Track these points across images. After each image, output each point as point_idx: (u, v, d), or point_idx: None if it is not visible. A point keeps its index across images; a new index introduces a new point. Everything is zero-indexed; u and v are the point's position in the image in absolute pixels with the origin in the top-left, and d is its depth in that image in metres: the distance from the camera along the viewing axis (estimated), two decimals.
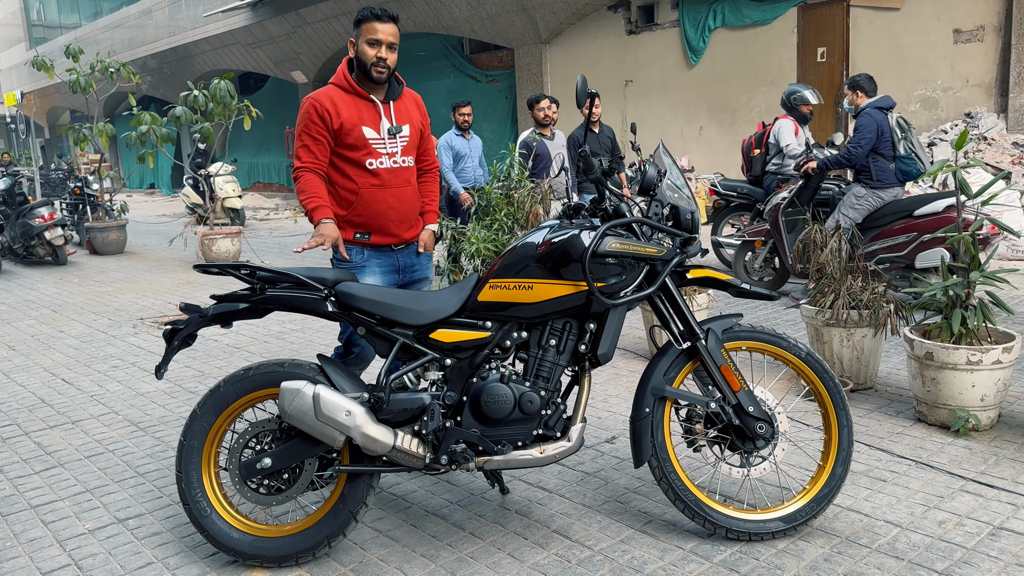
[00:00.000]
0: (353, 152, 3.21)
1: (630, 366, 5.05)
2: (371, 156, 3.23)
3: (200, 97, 9.82)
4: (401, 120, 3.30)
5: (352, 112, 3.20)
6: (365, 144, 3.21)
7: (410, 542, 2.96)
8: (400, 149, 3.29)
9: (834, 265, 4.37)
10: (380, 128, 3.24)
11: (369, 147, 3.22)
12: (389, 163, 3.26)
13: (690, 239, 2.80)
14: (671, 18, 12.74)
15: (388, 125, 3.25)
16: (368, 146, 3.21)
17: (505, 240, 5.76)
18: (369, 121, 3.23)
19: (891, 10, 10.21)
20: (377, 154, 3.24)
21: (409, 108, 3.37)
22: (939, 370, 3.70)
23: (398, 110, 3.31)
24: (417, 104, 3.44)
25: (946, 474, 3.31)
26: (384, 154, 3.25)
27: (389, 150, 3.25)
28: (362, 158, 3.22)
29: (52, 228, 10.91)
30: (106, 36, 25.99)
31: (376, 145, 3.22)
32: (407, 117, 3.33)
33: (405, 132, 3.30)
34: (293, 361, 2.80)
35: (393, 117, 3.28)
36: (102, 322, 7.18)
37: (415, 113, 3.39)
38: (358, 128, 3.20)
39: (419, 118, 3.40)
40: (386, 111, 3.27)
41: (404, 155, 3.31)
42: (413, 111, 3.38)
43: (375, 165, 3.24)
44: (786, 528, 2.82)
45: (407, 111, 3.35)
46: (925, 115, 10.09)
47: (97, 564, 2.91)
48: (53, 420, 4.53)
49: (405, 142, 3.30)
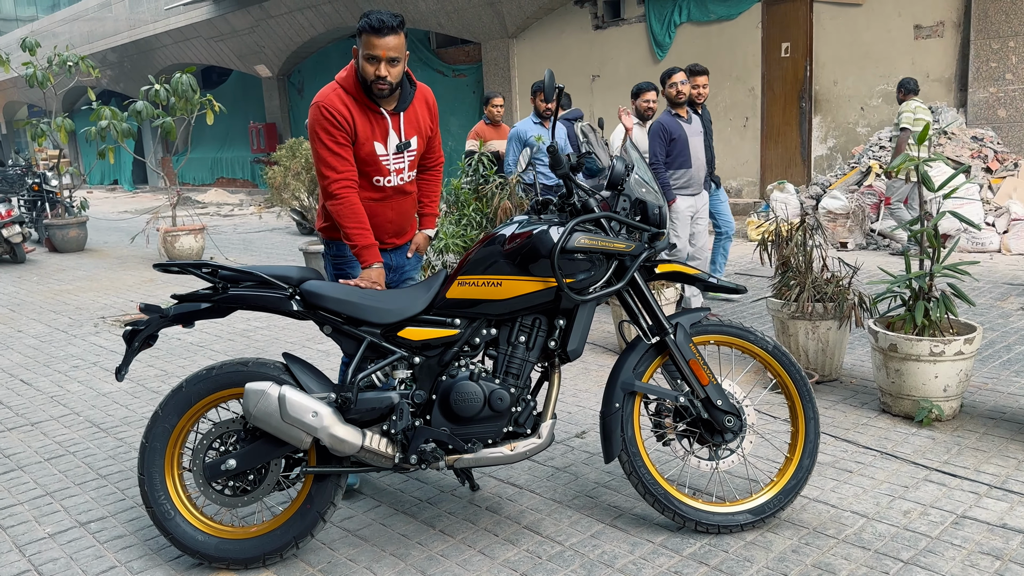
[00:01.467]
0: (362, 166, 3.08)
1: (599, 361, 5.06)
2: (379, 173, 3.11)
3: (162, 91, 9.66)
4: (410, 132, 3.14)
5: (365, 126, 3.02)
6: (375, 161, 3.07)
7: (379, 541, 2.93)
8: (407, 164, 3.18)
9: (799, 259, 4.41)
10: (388, 143, 3.08)
11: (378, 164, 3.08)
12: (396, 180, 3.16)
13: (658, 234, 2.80)
14: (637, 13, 12.78)
15: (397, 141, 3.10)
16: (377, 163, 3.08)
17: (474, 236, 5.73)
18: (380, 136, 3.06)
19: (853, 6, 10.34)
20: (385, 171, 3.12)
21: (419, 115, 3.18)
22: (903, 361, 3.76)
23: (408, 121, 3.14)
24: (428, 104, 3.23)
25: (911, 464, 3.36)
26: (391, 171, 3.13)
27: (395, 166, 3.14)
28: (370, 174, 3.10)
29: (10, 226, 10.65)
30: (64, 29, 25.43)
31: (384, 161, 3.10)
32: (416, 127, 3.17)
33: (413, 146, 3.17)
34: (258, 360, 2.75)
35: (402, 131, 3.11)
36: (62, 321, 7.03)
37: (424, 118, 3.21)
38: (370, 143, 3.04)
39: (428, 122, 3.24)
40: (395, 124, 3.09)
41: (410, 170, 3.22)
42: (423, 116, 3.20)
43: (381, 183, 3.14)
44: (754, 520, 2.84)
45: (416, 120, 3.17)
46: (887, 109, 10.23)
47: (58, 569, 2.84)
48: (11, 422, 4.42)
49: (412, 157, 3.20)
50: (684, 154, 5.67)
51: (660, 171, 5.64)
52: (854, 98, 10.55)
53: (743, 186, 11.97)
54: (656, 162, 5.60)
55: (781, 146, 11.41)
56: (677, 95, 5.68)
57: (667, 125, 5.65)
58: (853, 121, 10.63)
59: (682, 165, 5.68)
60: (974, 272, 6.72)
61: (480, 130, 7.66)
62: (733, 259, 8.54)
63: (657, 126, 5.69)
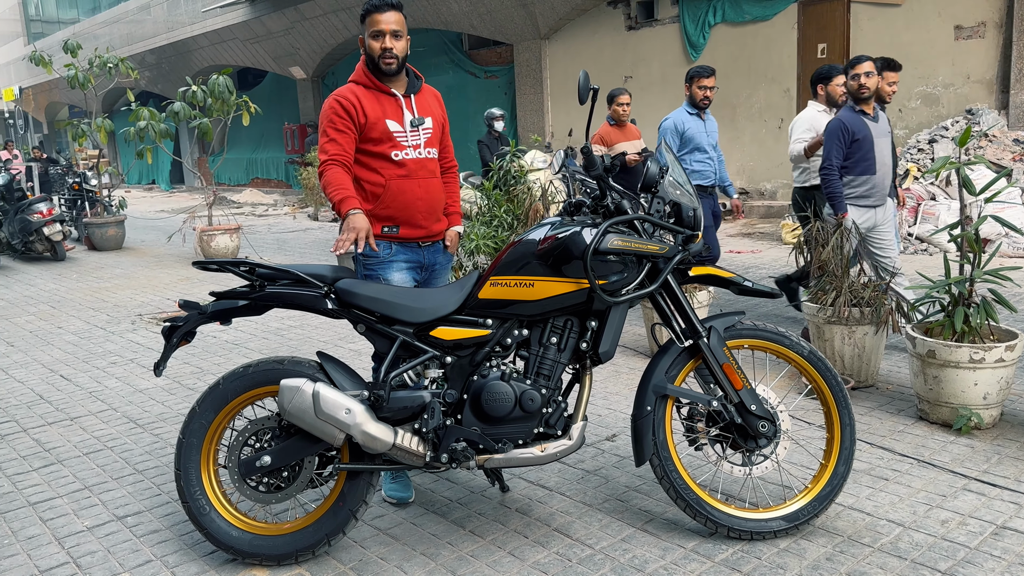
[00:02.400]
0: (378, 146, 3.17)
1: (630, 363, 5.03)
2: (396, 148, 3.19)
3: (199, 93, 9.79)
4: (423, 113, 3.27)
5: (375, 106, 3.17)
6: (389, 137, 3.17)
7: (410, 540, 2.95)
8: (424, 141, 3.25)
9: (835, 262, 4.35)
10: (403, 121, 3.20)
11: (394, 139, 3.18)
12: (414, 154, 3.22)
13: (692, 236, 2.78)
14: (671, 14, 12.71)
15: (411, 117, 3.22)
16: (392, 138, 3.18)
17: (505, 237, 5.74)
18: (392, 114, 3.19)
19: (892, 6, 10.19)
20: (401, 146, 3.19)
21: (429, 102, 3.33)
22: (941, 368, 3.69)
23: (419, 103, 3.27)
24: (437, 100, 3.40)
25: (948, 473, 3.30)
26: (408, 146, 3.21)
27: (413, 142, 3.22)
28: (387, 150, 3.18)
29: (51, 224, 10.88)
30: (104, 31, 25.91)
31: (400, 138, 3.19)
32: (428, 110, 3.30)
33: (428, 124, 3.27)
34: (293, 358, 2.78)
35: (415, 109, 3.25)
36: (100, 318, 7.16)
37: (436, 107, 3.35)
38: (382, 122, 3.16)
39: (440, 113, 3.37)
40: (407, 104, 3.23)
41: (428, 147, 3.27)
42: (434, 106, 3.35)
43: (400, 156, 3.19)
44: (788, 527, 2.81)
45: (428, 104, 3.31)
46: (926, 112, 10.07)
47: (96, 562, 2.89)
48: (51, 417, 4.51)
49: (428, 134, 3.27)
50: (868, 158, 4.74)
51: (833, 179, 4.68)
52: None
53: (777, 188, 11.85)
54: (830, 167, 4.67)
55: None
56: (860, 89, 4.75)
57: (849, 123, 4.71)
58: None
59: (865, 171, 4.74)
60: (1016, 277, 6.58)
61: (604, 133, 6.87)
62: (767, 262, 8.47)
63: (837, 124, 4.75)
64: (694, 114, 5.66)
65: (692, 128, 5.60)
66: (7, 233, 11.11)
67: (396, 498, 3.26)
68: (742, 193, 12.22)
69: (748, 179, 12.15)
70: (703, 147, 5.64)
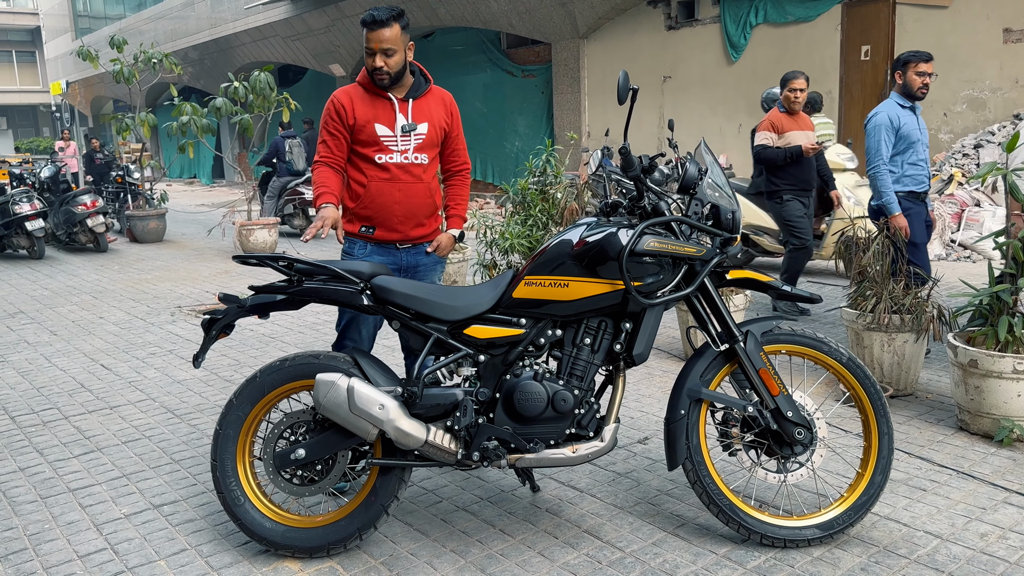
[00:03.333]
0: (365, 148, 3.26)
1: (663, 366, 5.00)
2: (381, 152, 3.25)
3: (240, 89, 9.92)
4: (419, 118, 3.29)
5: (367, 109, 3.24)
6: (376, 141, 3.24)
7: (440, 537, 2.96)
8: (413, 146, 3.28)
9: (876, 268, 4.28)
10: (395, 125, 3.25)
11: (380, 143, 3.24)
12: (400, 159, 3.27)
13: (730, 239, 2.75)
14: (712, 14, 12.60)
15: (403, 122, 3.26)
16: (379, 142, 3.24)
17: (540, 236, 5.73)
18: (383, 118, 3.25)
19: (938, 8, 9.99)
20: (388, 150, 3.25)
21: (432, 107, 3.34)
22: (983, 378, 3.61)
23: (417, 108, 3.30)
24: (444, 103, 3.41)
25: (989, 485, 3.23)
26: (395, 151, 3.26)
27: (401, 147, 3.26)
28: (372, 153, 3.25)
29: (94, 216, 11.11)
30: (150, 27, 26.39)
31: (387, 142, 3.25)
32: (427, 115, 3.32)
33: (421, 130, 3.29)
34: (328, 353, 2.81)
35: (410, 114, 3.27)
36: (141, 309, 7.29)
37: (439, 112, 3.36)
38: (371, 125, 3.23)
39: (443, 117, 3.38)
40: (403, 108, 3.27)
41: (417, 152, 3.29)
42: (437, 110, 3.35)
43: (383, 160, 3.26)
44: (822, 536, 2.77)
45: (429, 109, 3.33)
46: (972, 116, 9.86)
47: (132, 549, 2.95)
48: (92, 405, 4.61)
49: (420, 140, 3.29)
50: None
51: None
52: (937, 103, 10.18)
53: None
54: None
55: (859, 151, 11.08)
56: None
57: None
58: (935, 127, 10.27)
59: None
60: None
61: (776, 120, 6.14)
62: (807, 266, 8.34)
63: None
64: (908, 107, 4.82)
65: (907, 123, 4.77)
66: (52, 224, 11.38)
67: None
68: None
69: None
70: (918, 145, 4.81)
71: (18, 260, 10.94)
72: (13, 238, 10.89)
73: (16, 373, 5.31)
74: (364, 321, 3.32)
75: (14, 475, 3.64)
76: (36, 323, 6.85)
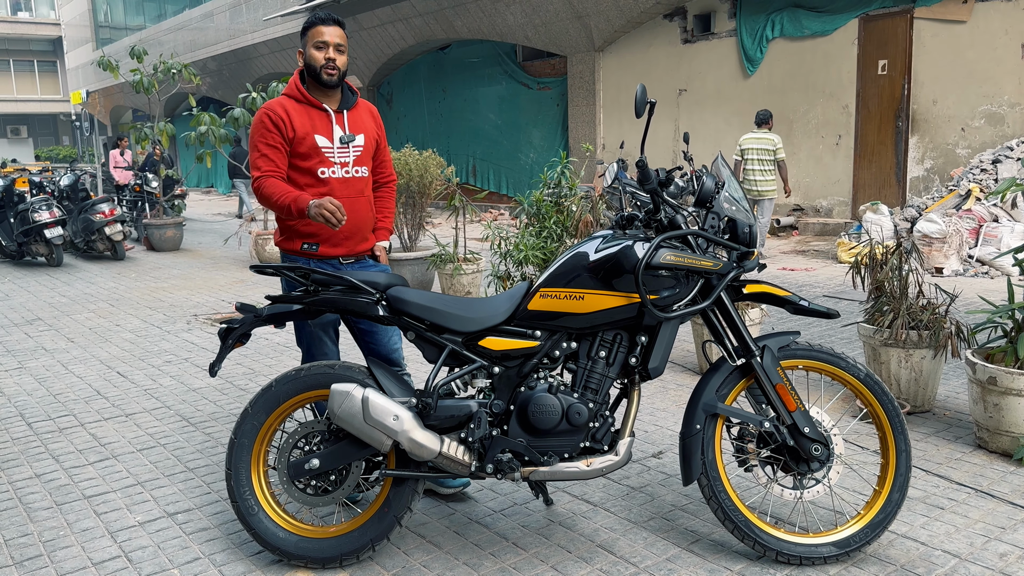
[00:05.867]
0: (305, 161, 3.16)
1: (678, 380, 4.98)
2: (323, 164, 3.17)
3: (258, 99, 10.01)
4: (355, 129, 3.25)
5: (304, 120, 3.15)
6: (317, 152, 3.16)
7: (453, 549, 2.95)
8: (352, 159, 3.23)
9: (893, 284, 4.25)
10: (333, 136, 3.19)
11: (321, 155, 3.16)
12: (341, 172, 3.19)
13: (747, 253, 2.74)
14: (728, 27, 12.60)
15: (340, 133, 3.20)
16: (320, 154, 3.16)
17: (554, 248, 5.73)
18: (322, 129, 3.18)
19: (957, 23, 9.95)
20: (329, 163, 3.18)
21: (363, 118, 3.31)
22: (1003, 396, 3.57)
23: (352, 119, 3.25)
24: (372, 115, 3.38)
25: (1008, 504, 3.19)
26: (336, 163, 3.18)
27: (340, 159, 3.19)
28: (314, 167, 3.16)
29: (112, 224, 11.21)
30: (169, 38, 26.68)
31: (328, 154, 3.17)
32: (361, 127, 3.28)
33: (359, 141, 3.24)
34: (343, 363, 2.81)
35: (346, 126, 3.23)
36: (157, 317, 7.34)
37: (370, 123, 3.33)
38: (311, 136, 3.15)
39: (374, 128, 3.34)
40: (339, 120, 3.22)
41: (357, 165, 3.24)
42: (368, 121, 3.33)
43: (327, 174, 3.17)
44: (839, 553, 2.74)
45: (361, 121, 3.29)
46: (990, 131, 9.80)
47: (146, 557, 2.95)
48: (108, 412, 4.63)
49: (359, 152, 3.25)
50: None
51: None
52: (954, 118, 10.14)
53: (834, 206, 11.64)
54: None
55: (875, 166, 11.05)
56: None
57: None
58: (952, 142, 10.21)
59: None
60: None
61: None
62: (822, 281, 8.31)
63: None
64: None
65: None
66: (70, 232, 11.49)
67: (453, 486, 3.30)
68: (796, 210, 12.03)
69: (804, 196, 11.95)
70: None
71: (37, 267, 11.05)
72: (32, 245, 11.00)
73: (33, 379, 5.35)
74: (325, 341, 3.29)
75: (30, 481, 3.66)
76: (53, 330, 6.90)
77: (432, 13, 16.38)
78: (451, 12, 16.03)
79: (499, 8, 15.11)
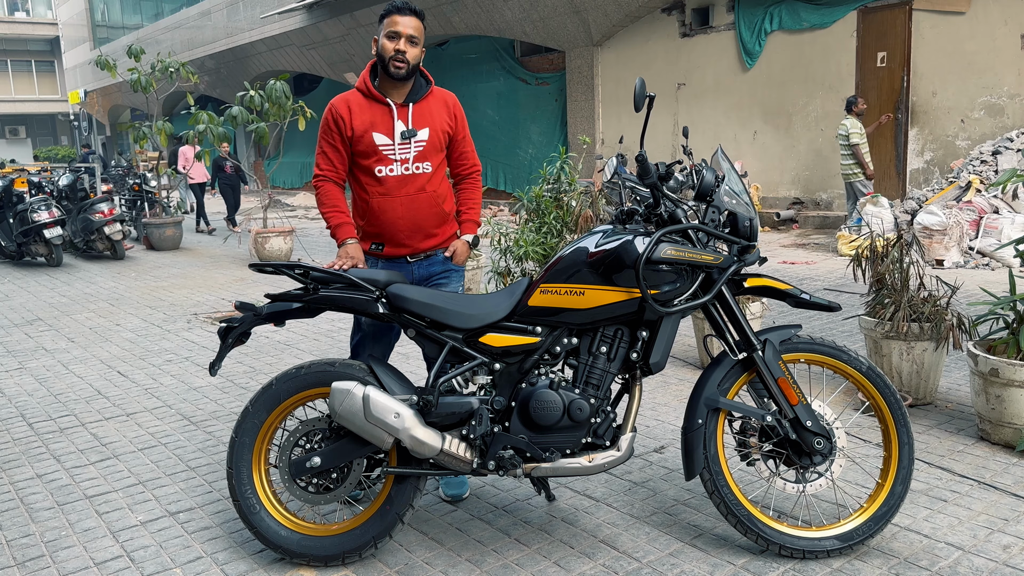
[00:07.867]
0: (364, 160, 3.11)
1: (679, 374, 4.97)
2: (381, 163, 3.11)
3: (256, 97, 9.99)
4: (420, 124, 3.14)
5: (365, 117, 3.09)
6: (375, 151, 3.10)
7: (455, 546, 2.94)
8: (413, 155, 3.13)
9: (894, 276, 4.24)
10: (394, 133, 3.11)
11: (379, 153, 3.10)
12: (400, 170, 3.11)
13: (748, 247, 2.73)
14: (726, 21, 12.57)
15: (402, 128, 3.10)
16: (378, 152, 3.10)
17: (554, 243, 5.72)
18: (381, 126, 3.09)
19: (956, 14, 9.93)
20: (387, 160, 3.10)
21: (434, 110, 3.19)
22: (1005, 387, 3.57)
23: (418, 113, 3.13)
24: (447, 105, 3.24)
25: (1011, 496, 3.18)
26: (395, 160, 3.10)
27: (400, 156, 3.10)
28: (372, 165, 3.11)
29: (111, 223, 11.20)
30: (167, 36, 26.63)
31: (386, 151, 3.10)
32: (428, 120, 3.16)
33: (422, 136, 3.13)
34: (344, 361, 2.81)
35: (410, 120, 3.12)
36: (157, 316, 7.33)
37: (441, 115, 3.20)
38: (368, 134, 3.09)
39: (446, 120, 3.22)
40: (402, 114, 3.11)
41: (418, 161, 3.14)
42: (439, 113, 3.20)
43: (383, 172, 3.11)
44: (842, 547, 2.73)
45: (430, 114, 3.18)
46: (990, 122, 9.78)
47: (148, 556, 2.95)
48: (109, 412, 4.63)
49: (421, 147, 3.14)
50: None
51: None
52: (954, 110, 10.12)
53: (833, 199, 11.63)
54: None
55: (875, 158, 11.02)
56: None
57: None
58: (952, 134, 10.19)
59: None
60: None
61: None
62: (823, 274, 8.30)
63: None
64: None
65: None
66: (70, 231, 11.48)
67: (452, 495, 3.28)
68: (796, 203, 12.02)
69: (803, 189, 11.94)
70: None
71: (36, 267, 11.04)
72: (32, 246, 10.99)
73: (34, 380, 5.35)
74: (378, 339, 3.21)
75: (31, 481, 3.66)
76: (54, 330, 6.90)
77: (429, 9, 16.34)
78: (448, 8, 16.00)
79: (497, 3, 15.08)
